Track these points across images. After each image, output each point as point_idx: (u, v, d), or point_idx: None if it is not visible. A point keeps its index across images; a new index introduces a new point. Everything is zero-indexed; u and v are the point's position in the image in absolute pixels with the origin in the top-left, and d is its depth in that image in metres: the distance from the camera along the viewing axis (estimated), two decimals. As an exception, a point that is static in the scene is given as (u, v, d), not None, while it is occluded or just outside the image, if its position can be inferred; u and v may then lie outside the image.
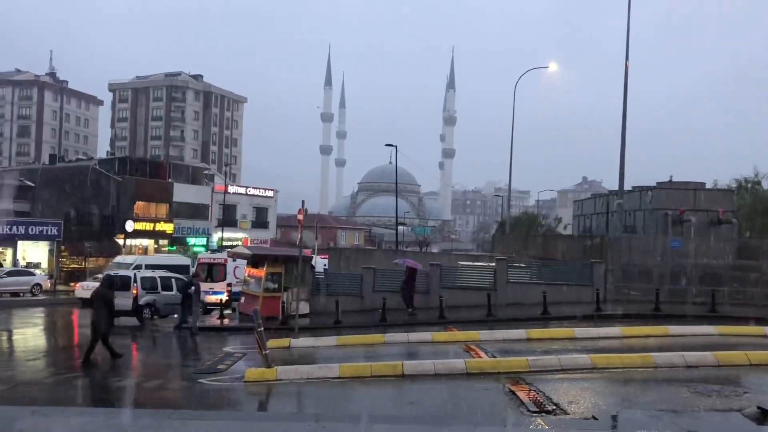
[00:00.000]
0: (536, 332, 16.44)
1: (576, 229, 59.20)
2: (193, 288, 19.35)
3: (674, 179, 41.02)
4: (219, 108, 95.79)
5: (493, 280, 23.70)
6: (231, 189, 60.36)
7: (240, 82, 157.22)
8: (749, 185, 44.35)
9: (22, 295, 33.46)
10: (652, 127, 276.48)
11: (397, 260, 22.12)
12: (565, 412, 8.92)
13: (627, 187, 28.93)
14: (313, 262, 24.34)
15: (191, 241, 56.06)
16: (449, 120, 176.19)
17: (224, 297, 25.83)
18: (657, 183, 41.20)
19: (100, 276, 26.53)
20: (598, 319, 19.52)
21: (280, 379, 11.77)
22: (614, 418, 5.91)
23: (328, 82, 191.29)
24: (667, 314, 19.67)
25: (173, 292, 23.83)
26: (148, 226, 51.58)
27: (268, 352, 12.53)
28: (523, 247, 39.21)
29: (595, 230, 51.20)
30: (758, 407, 7.28)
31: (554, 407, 9.20)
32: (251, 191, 62.83)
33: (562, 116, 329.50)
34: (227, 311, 24.64)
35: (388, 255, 35.83)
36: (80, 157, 74.14)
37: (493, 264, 24.83)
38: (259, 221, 63.88)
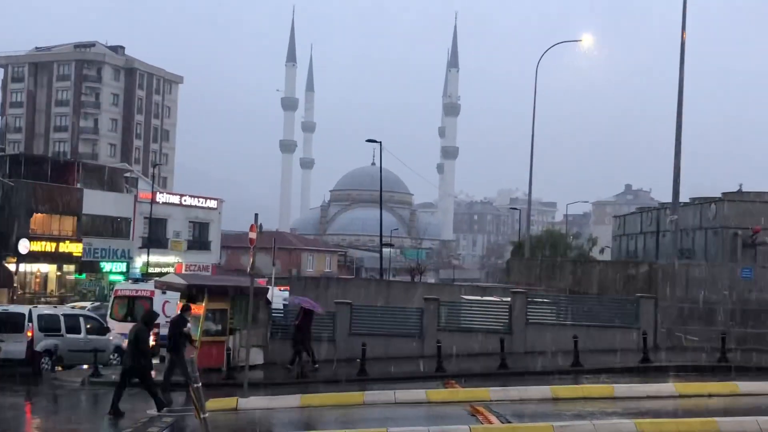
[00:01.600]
0: (564, 390, 16.45)
1: (616, 253, 59.59)
2: (188, 327, 19.11)
3: (745, 189, 41.50)
4: (146, 90, 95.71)
5: (507, 321, 23.76)
6: (161, 198, 60.11)
7: (179, 61, 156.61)
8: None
9: None
10: (716, 122, 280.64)
11: (290, 299, 22.43)
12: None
13: (683, 198, 29.27)
14: (269, 296, 24.27)
15: (106, 266, 55.60)
16: (451, 108, 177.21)
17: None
18: (722, 194, 41.71)
19: None
20: (646, 373, 19.59)
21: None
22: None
23: (292, 57, 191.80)
24: (737, 366, 19.80)
25: (81, 335, 23.62)
26: (49, 247, 51.15)
27: (207, 416, 12.40)
28: (548, 277, 39.36)
29: (642, 255, 51.60)
30: None
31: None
32: (188, 201, 62.69)
33: (599, 107, 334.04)
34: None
35: (370, 286, 35.82)
36: (-41, 153, 73.64)
37: (508, 299, 24.88)
38: (199, 241, 63.65)
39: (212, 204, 64.62)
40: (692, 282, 25.30)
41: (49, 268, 52.75)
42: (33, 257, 49.92)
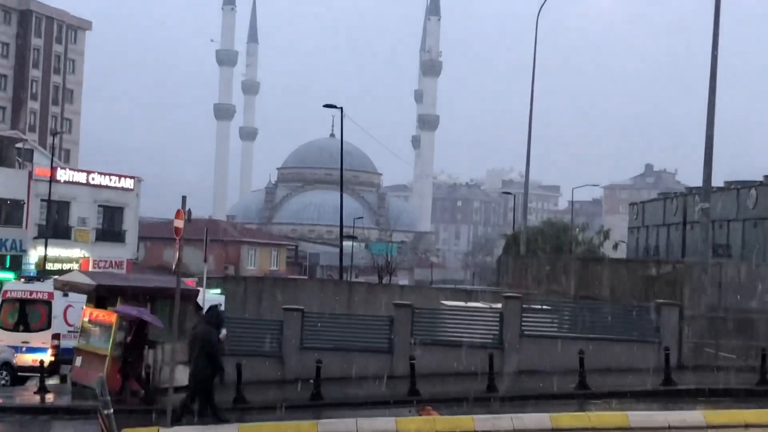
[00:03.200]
0: (568, 418, 16.57)
1: (633, 249, 60.13)
2: (223, 332, 18.97)
3: (792, 170, 41.95)
4: (44, 38, 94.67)
5: (498, 333, 23.88)
6: (62, 175, 59.54)
7: (87, 2, 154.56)
8: None
9: None
10: (757, 90, 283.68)
11: (122, 307, 21.88)
12: None
13: (717, 182, 29.52)
14: (200, 300, 24.16)
15: (-8, 261, 54.99)
16: (430, 67, 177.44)
17: (48, 356, 25.49)
18: (765, 177, 42.13)
19: None
20: (668, 397, 19.79)
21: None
22: None
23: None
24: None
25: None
26: None
27: (120, 450, 12.34)
28: (548, 279, 39.57)
29: (665, 251, 52.10)
30: None
31: None
32: (97, 180, 62.17)
33: (613, 71, 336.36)
34: (52, 381, 24.26)
35: (327, 289, 35.81)
36: None
37: (499, 305, 25.00)
38: (110, 230, 63.20)
39: (128, 184, 64.11)
40: (727, 285, 25.52)
41: None
42: None
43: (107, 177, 62.83)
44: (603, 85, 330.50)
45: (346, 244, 65.99)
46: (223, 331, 18.96)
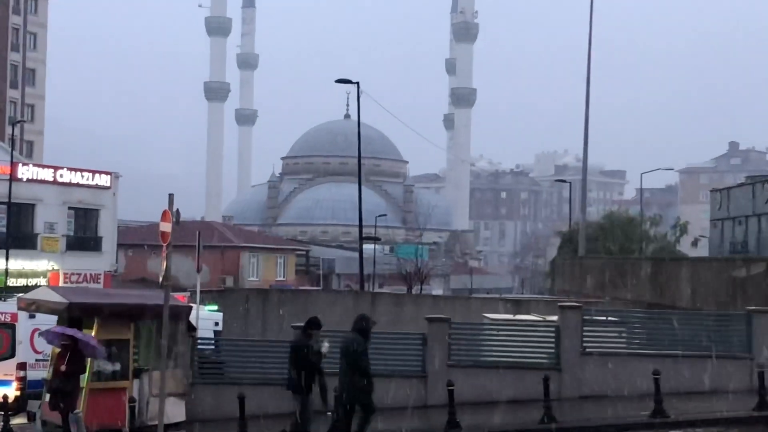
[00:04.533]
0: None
1: (717, 245, 59.67)
2: (325, 345, 19.23)
3: None
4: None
5: (554, 351, 23.89)
6: (24, 172, 59.83)
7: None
8: None
9: None
10: None
11: (48, 333, 21.45)
12: None
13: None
14: (193, 319, 24.23)
15: (-56, 278, 55.26)
16: (464, 31, 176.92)
17: (12, 391, 25.55)
18: None
19: None
20: (765, 425, 19.65)
21: None
22: None
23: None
24: None
25: None
26: None
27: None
28: (614, 284, 39.46)
29: (756, 247, 51.67)
30: None
31: None
32: (66, 177, 62.39)
33: (688, 34, 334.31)
34: (18, 420, 24.36)
35: (345, 302, 35.84)
36: None
37: (554, 318, 24.94)
38: (84, 237, 63.45)
39: (104, 181, 64.32)
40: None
41: None
42: None
43: (78, 173, 63.01)
44: (672, 56, 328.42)
45: (367, 247, 65.96)
46: (325, 345, 19.30)
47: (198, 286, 29.84)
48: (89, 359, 20.96)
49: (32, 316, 25.91)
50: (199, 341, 24.32)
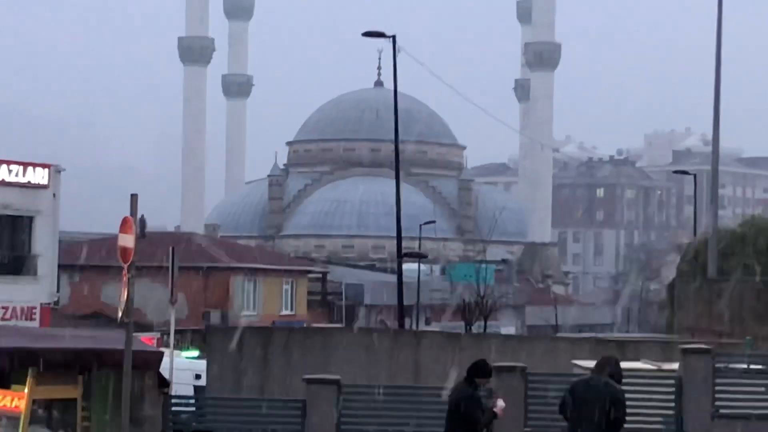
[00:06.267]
0: None
1: None
2: (500, 404, 19.52)
3: None
4: None
5: (675, 411, 23.93)
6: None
7: None
8: None
9: None
10: None
11: None
12: None
13: None
14: (165, 370, 24.30)
15: None
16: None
17: None
18: None
19: None
20: None
21: None
22: None
23: None
24: None
25: None
26: None
27: None
28: (757, 316, 39.26)
29: None
30: None
31: None
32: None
33: None
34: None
35: (379, 345, 35.83)
36: None
37: (674, 366, 24.86)
38: (12, 256, 63.75)
39: (39, 177, 64.55)
40: None
41: None
42: None
43: (5, 167, 63.36)
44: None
45: (409, 267, 65.86)
46: (500, 403, 19.48)
47: (172, 324, 29.93)
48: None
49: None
50: (174, 400, 24.36)
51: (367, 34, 49.57)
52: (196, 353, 34.62)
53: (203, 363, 33.19)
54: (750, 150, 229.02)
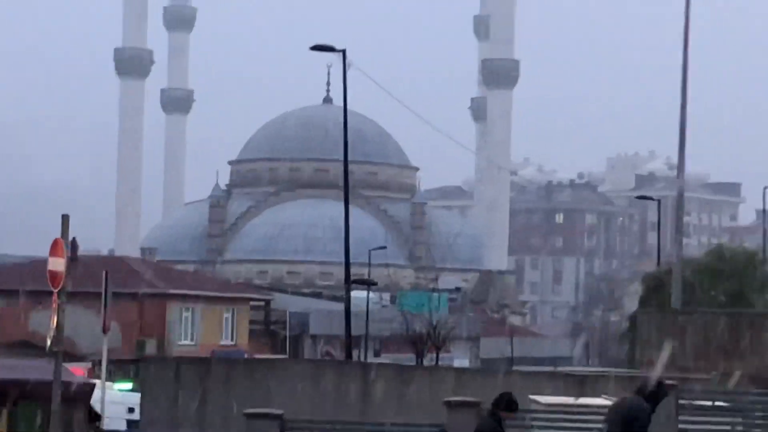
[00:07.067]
0: None
1: None
2: None
3: None
4: None
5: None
6: None
7: None
8: None
9: None
10: None
11: None
12: None
13: None
14: (96, 403, 24.19)
15: None
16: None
17: None
18: None
19: None
20: None
21: None
22: None
23: None
24: None
25: None
26: None
27: None
28: (723, 350, 39.38)
29: None
30: None
31: None
32: None
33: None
34: None
35: (325, 377, 35.76)
36: None
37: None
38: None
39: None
40: None
41: None
42: None
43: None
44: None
45: (357, 295, 65.78)
46: None
47: (104, 354, 29.78)
48: None
49: None
50: (104, 435, 24.25)
51: (316, 48, 49.53)
52: (129, 385, 34.46)
53: (137, 396, 33.05)
54: (717, 175, 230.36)
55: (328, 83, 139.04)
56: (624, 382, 33.99)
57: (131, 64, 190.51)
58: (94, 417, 23.48)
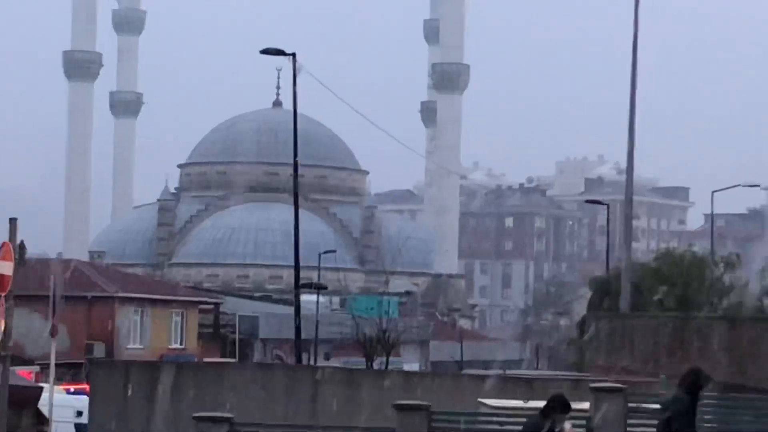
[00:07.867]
0: None
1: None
2: (567, 427, 19.53)
3: None
4: None
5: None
6: None
7: None
8: None
9: None
10: None
11: None
12: None
13: None
14: (44, 406, 24.10)
15: None
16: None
17: None
18: None
19: None
20: None
21: None
22: None
23: None
24: None
25: None
26: None
27: None
28: (671, 354, 39.49)
29: None
30: None
31: None
32: None
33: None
34: None
35: (273, 381, 35.74)
36: None
37: (585, 405, 24.96)
38: None
39: None
40: None
41: None
42: None
43: None
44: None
45: (307, 299, 65.65)
46: (567, 425, 19.47)
47: (53, 357, 29.64)
48: None
49: None
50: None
51: (266, 51, 49.47)
52: (81, 387, 34.34)
53: (85, 399, 32.87)
54: (666, 179, 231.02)
55: (278, 87, 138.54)
56: (572, 384, 34.09)
57: (80, 66, 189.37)
58: (42, 420, 23.39)
